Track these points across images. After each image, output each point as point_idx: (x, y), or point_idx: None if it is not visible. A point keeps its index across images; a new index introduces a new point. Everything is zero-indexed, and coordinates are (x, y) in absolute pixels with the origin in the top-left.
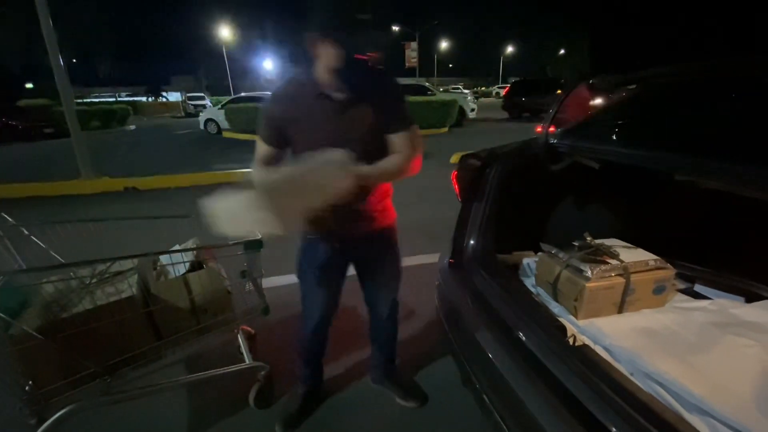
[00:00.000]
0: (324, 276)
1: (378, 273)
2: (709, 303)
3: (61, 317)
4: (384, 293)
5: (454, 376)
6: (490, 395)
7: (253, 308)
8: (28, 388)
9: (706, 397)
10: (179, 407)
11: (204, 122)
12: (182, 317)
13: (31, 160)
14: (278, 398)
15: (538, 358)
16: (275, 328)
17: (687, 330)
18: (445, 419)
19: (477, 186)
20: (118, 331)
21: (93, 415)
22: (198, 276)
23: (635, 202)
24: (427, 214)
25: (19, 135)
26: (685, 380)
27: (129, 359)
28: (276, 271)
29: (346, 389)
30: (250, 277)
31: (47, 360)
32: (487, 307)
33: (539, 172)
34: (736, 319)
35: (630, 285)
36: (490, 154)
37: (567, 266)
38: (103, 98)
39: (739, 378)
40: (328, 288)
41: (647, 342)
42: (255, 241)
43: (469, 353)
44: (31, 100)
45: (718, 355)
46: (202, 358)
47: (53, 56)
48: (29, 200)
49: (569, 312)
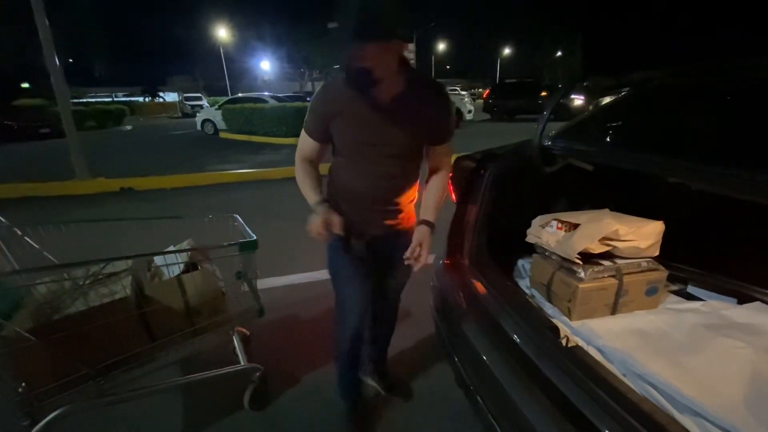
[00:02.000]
0: (356, 273)
1: (395, 271)
2: (701, 304)
3: (53, 319)
4: (393, 293)
5: (448, 376)
6: (483, 396)
7: (248, 310)
8: (20, 389)
9: (697, 397)
10: (173, 409)
11: (201, 123)
12: (176, 319)
13: (27, 161)
14: (273, 400)
15: (531, 359)
16: (270, 329)
17: (679, 331)
18: (438, 419)
19: (472, 187)
20: (112, 332)
21: (86, 417)
22: (192, 277)
23: (628, 204)
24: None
25: (14, 135)
26: (677, 381)
27: (122, 361)
28: (271, 273)
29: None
30: (245, 278)
31: (40, 361)
32: (481, 309)
33: (533, 174)
34: (727, 320)
35: (623, 286)
36: (485, 155)
37: (560, 267)
38: (100, 98)
39: (729, 379)
40: (364, 284)
41: (640, 343)
42: (250, 242)
43: (463, 354)
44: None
45: (710, 356)
46: (196, 359)
47: (49, 56)
48: (24, 201)
49: (563, 313)
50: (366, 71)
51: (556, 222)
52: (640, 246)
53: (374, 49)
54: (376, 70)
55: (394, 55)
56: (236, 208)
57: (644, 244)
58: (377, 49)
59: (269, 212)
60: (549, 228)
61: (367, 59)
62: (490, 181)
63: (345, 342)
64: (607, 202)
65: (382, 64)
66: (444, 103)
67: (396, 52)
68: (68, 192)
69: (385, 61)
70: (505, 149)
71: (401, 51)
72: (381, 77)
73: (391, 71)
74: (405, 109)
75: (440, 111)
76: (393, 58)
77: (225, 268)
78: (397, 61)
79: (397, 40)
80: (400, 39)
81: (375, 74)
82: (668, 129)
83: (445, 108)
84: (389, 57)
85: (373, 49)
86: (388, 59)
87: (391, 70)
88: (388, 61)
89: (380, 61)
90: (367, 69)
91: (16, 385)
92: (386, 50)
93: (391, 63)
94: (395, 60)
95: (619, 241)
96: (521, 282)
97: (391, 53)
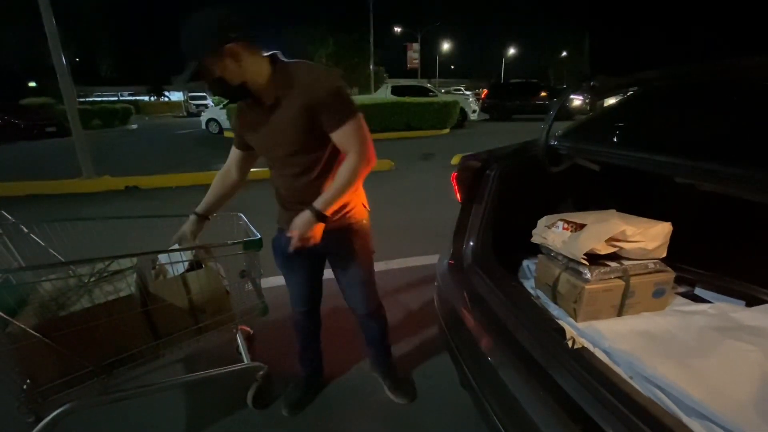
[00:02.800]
0: (290, 262)
1: (342, 269)
2: (709, 307)
3: (59, 315)
4: (351, 290)
5: (453, 377)
6: (488, 398)
7: (252, 308)
8: (25, 386)
9: (706, 401)
10: (177, 407)
11: (206, 122)
12: (180, 317)
13: (33, 159)
14: (276, 398)
15: (536, 361)
16: (274, 328)
17: (687, 334)
18: (442, 421)
19: (477, 187)
20: (116, 330)
21: (90, 415)
22: (197, 275)
23: (635, 205)
24: (427, 214)
25: (21, 133)
26: (685, 384)
27: (127, 358)
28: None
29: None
30: (249, 276)
31: (45, 358)
32: (485, 309)
33: (539, 174)
34: (736, 323)
35: (629, 288)
36: (490, 155)
37: (566, 268)
38: (106, 97)
39: (739, 382)
40: (297, 273)
41: (647, 345)
42: (254, 241)
43: (468, 355)
44: (33, 99)
45: (718, 359)
46: (200, 357)
47: (56, 55)
48: (30, 198)
49: (568, 314)
50: (221, 81)
51: (563, 222)
52: (648, 247)
53: (211, 61)
54: (231, 79)
55: (237, 59)
56: (240, 207)
57: (652, 245)
58: (214, 61)
59: (273, 211)
60: (555, 228)
61: (213, 72)
62: (496, 181)
63: (294, 321)
64: (614, 202)
65: (230, 72)
66: (323, 85)
67: (236, 55)
68: (74, 190)
69: (229, 67)
70: (510, 148)
71: (244, 52)
72: (238, 82)
73: (250, 73)
74: (284, 107)
75: (319, 95)
76: (236, 63)
77: (229, 267)
78: (252, 63)
79: (230, 45)
80: (232, 42)
81: (233, 82)
82: (677, 128)
83: (324, 90)
84: (231, 63)
85: (210, 61)
86: (231, 66)
87: (249, 72)
88: (233, 67)
89: (226, 70)
90: (221, 79)
91: (21, 382)
92: (223, 58)
93: (239, 67)
94: (245, 63)
95: (626, 242)
96: (526, 283)
97: (232, 58)
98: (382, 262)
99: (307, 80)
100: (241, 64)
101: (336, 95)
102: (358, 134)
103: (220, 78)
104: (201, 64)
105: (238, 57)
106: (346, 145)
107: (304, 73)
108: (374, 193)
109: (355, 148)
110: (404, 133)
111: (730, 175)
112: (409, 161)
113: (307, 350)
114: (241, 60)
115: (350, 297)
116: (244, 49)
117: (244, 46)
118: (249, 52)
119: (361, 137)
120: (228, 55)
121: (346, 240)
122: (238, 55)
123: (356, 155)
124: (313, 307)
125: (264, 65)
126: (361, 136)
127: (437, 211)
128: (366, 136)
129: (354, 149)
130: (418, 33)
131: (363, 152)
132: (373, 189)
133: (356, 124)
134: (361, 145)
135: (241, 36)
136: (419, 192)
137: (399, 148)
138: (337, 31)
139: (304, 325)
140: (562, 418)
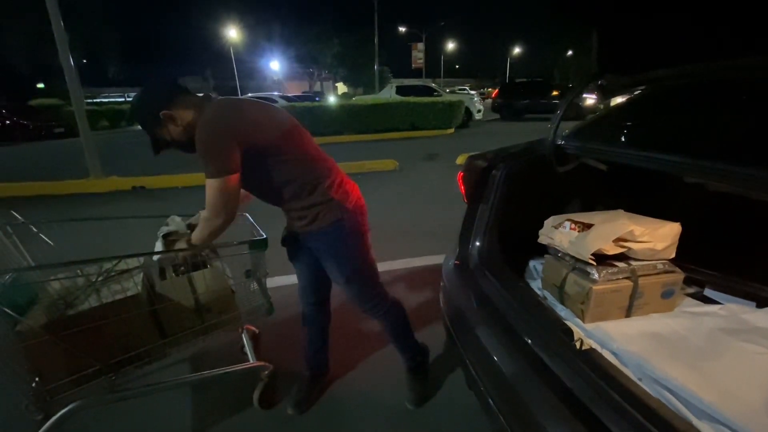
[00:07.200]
0: (296, 256)
1: (327, 269)
2: (719, 308)
3: (67, 315)
4: (344, 288)
5: (459, 378)
6: (495, 399)
7: (257, 308)
8: (34, 384)
9: (716, 403)
10: (183, 406)
11: None
12: (186, 316)
13: (41, 159)
14: (282, 398)
15: (544, 362)
16: (279, 327)
17: (696, 335)
18: (449, 422)
19: (483, 187)
20: (124, 329)
21: (97, 413)
22: (203, 275)
23: (644, 205)
24: (431, 214)
25: (30, 134)
26: (695, 386)
27: (134, 357)
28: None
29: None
30: (255, 276)
31: (53, 357)
32: (492, 310)
33: (546, 174)
34: (746, 324)
35: (638, 288)
36: (496, 155)
37: (574, 269)
38: (113, 98)
39: (749, 385)
40: (302, 267)
41: (656, 347)
42: (260, 241)
43: (474, 356)
44: (42, 100)
45: (729, 361)
46: (206, 357)
47: (64, 57)
48: (38, 199)
49: (576, 315)
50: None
51: (570, 222)
52: (656, 247)
53: (151, 127)
54: (169, 136)
55: (168, 122)
56: (246, 207)
57: (660, 245)
58: (153, 126)
59: (278, 211)
60: (562, 228)
61: (158, 134)
62: (502, 181)
63: (303, 315)
64: (622, 203)
65: (167, 131)
66: (197, 139)
67: (168, 120)
68: (82, 190)
69: (166, 129)
70: (517, 148)
71: (177, 115)
72: (178, 139)
73: (182, 130)
74: None
75: (197, 148)
76: (172, 125)
77: (235, 266)
78: (184, 120)
79: (165, 112)
80: (165, 110)
81: (172, 139)
82: (687, 127)
83: (197, 145)
84: (168, 125)
85: (150, 127)
86: (168, 127)
87: (181, 128)
88: (170, 127)
89: (163, 131)
90: (164, 138)
91: (30, 380)
92: (162, 122)
93: (175, 128)
94: (179, 123)
95: (634, 242)
96: (533, 283)
97: (169, 121)
98: (386, 262)
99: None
100: (177, 123)
101: (201, 155)
102: (210, 194)
103: (172, 140)
104: (152, 136)
105: (174, 119)
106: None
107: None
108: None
109: (208, 201)
110: (409, 132)
111: (742, 174)
112: (413, 161)
113: (313, 347)
114: (177, 119)
115: (347, 295)
116: (176, 110)
117: (177, 107)
118: (181, 110)
119: (213, 197)
120: (167, 119)
121: (323, 242)
122: (173, 118)
123: (207, 211)
124: (319, 300)
125: (192, 115)
126: (212, 196)
127: (442, 211)
128: (218, 198)
129: (207, 202)
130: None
131: (211, 209)
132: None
133: (213, 185)
134: (212, 204)
135: (169, 101)
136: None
137: (403, 148)
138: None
139: (312, 319)
140: (570, 419)
